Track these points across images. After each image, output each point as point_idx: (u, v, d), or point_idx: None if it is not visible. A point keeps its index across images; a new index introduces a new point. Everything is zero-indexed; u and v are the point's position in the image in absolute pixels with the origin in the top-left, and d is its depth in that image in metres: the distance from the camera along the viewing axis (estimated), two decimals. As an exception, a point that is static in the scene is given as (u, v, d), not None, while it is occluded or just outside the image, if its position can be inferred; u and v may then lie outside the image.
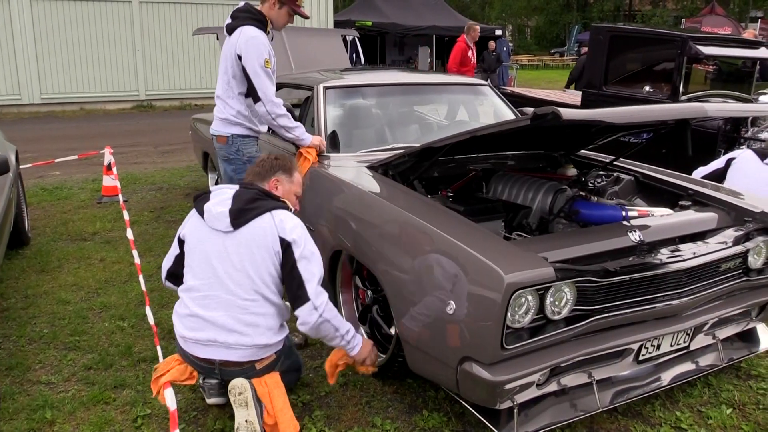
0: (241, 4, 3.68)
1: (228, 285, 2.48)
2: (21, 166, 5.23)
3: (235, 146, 3.71)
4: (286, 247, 2.49)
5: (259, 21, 3.56)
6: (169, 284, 2.81)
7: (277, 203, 2.59)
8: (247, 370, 2.52)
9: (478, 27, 9.77)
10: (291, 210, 2.64)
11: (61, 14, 14.08)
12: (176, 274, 2.71)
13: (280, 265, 2.52)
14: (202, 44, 15.18)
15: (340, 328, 2.60)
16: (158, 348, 3.08)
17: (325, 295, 2.55)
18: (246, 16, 3.56)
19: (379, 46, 23.95)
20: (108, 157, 6.21)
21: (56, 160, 6.68)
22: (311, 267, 2.53)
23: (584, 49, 12.52)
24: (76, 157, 6.78)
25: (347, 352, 2.68)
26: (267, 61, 3.50)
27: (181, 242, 2.66)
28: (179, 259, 2.68)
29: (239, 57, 3.49)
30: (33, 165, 6.46)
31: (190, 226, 2.63)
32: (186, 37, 15.05)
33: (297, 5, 3.65)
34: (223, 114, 3.69)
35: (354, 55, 14.19)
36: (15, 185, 4.51)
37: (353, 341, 2.66)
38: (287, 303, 2.63)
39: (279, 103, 3.58)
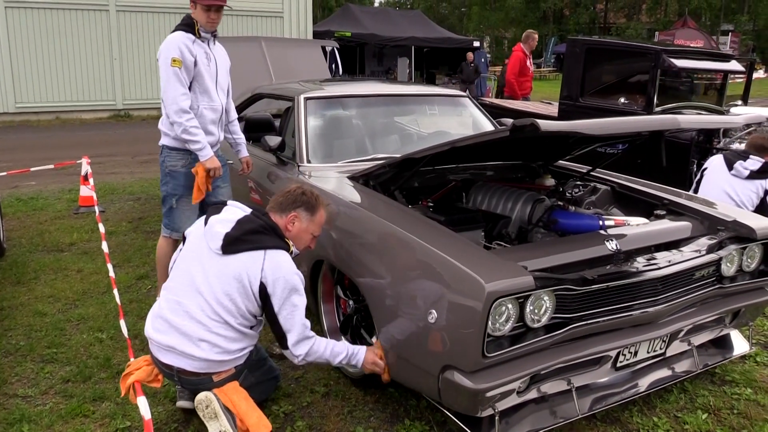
0: None
1: (198, 299, 2.48)
2: (-4, 176, 5.16)
3: (162, 156, 3.65)
4: (264, 294, 2.46)
5: (187, 25, 3.50)
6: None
7: (278, 243, 2.53)
8: (204, 380, 2.51)
9: (536, 35, 9.25)
10: (292, 253, 2.60)
11: (37, 22, 13.94)
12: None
13: (258, 306, 2.52)
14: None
15: (331, 360, 2.62)
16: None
17: (305, 347, 2.54)
18: (177, 25, 3.54)
19: (358, 57, 24.06)
20: (85, 167, 6.15)
21: (31, 169, 6.59)
22: (293, 318, 2.51)
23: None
24: (52, 166, 6.71)
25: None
26: (174, 60, 3.39)
27: (184, 239, 2.72)
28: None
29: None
30: (8, 173, 6.38)
31: (194, 228, 2.68)
32: (164, 47, 14.96)
33: None
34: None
35: (333, 66, 14.23)
36: (-10, 196, 4.45)
37: (353, 359, 2.65)
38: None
39: (179, 108, 3.41)
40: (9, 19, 13.60)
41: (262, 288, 2.45)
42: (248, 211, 2.60)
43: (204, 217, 2.67)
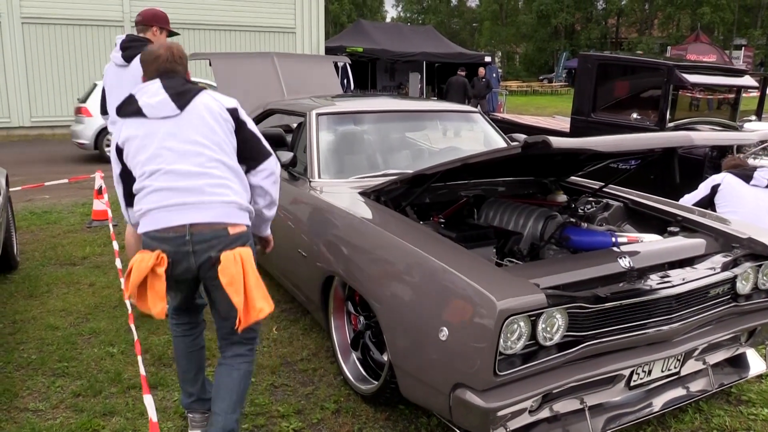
0: (123, 36, 3.81)
1: (188, 158, 2.45)
2: (10, 189, 5.21)
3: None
4: (233, 111, 2.59)
5: None
6: (130, 212, 2.63)
7: (201, 86, 2.65)
8: (219, 232, 2.40)
9: None
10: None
11: (52, 37, 14.16)
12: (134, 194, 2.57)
13: (233, 131, 2.58)
14: (193, 69, 15.24)
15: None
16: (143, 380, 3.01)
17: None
18: (140, 45, 3.56)
19: (370, 72, 24.20)
20: (99, 181, 6.21)
21: (46, 184, 6.66)
22: (256, 128, 2.67)
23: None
24: (66, 180, 6.77)
25: (262, 231, 2.83)
26: None
27: (120, 151, 2.55)
28: (128, 174, 2.57)
29: None
30: (22, 188, 6.45)
31: (128, 129, 2.52)
32: (178, 62, 15.12)
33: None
34: None
35: (345, 81, 14.33)
36: (4, 209, 4.49)
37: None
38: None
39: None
40: (25, 34, 13.83)
41: (232, 111, 2.57)
42: (155, 80, 2.56)
43: (123, 119, 2.55)
